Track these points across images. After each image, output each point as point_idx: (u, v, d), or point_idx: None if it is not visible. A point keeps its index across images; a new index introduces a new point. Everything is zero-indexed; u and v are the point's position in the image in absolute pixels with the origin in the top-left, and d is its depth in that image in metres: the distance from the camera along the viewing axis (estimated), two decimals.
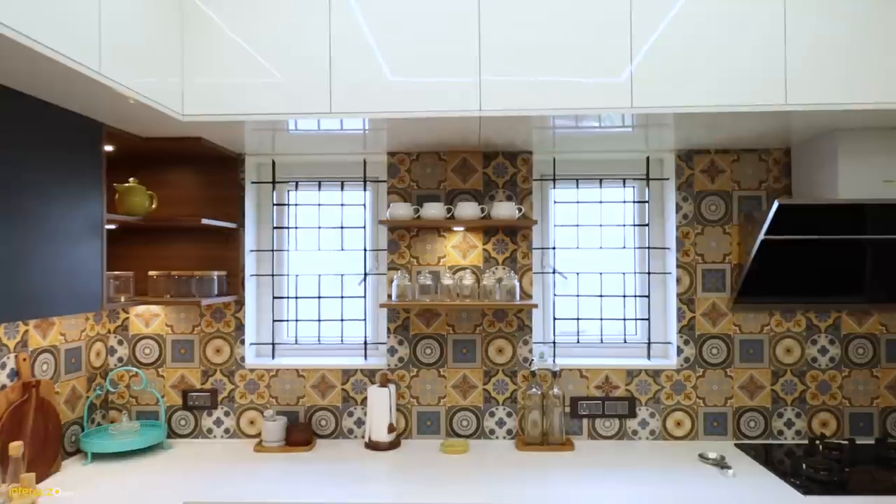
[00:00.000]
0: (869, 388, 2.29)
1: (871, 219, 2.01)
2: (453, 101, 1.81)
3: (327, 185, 2.47)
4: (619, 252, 2.44)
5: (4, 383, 1.84)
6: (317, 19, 1.83)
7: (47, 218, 1.62)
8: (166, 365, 2.36)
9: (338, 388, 2.35)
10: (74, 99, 1.61)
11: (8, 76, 1.41)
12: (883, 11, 1.76)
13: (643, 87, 1.79)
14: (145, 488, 1.83)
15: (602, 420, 2.32)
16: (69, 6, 1.37)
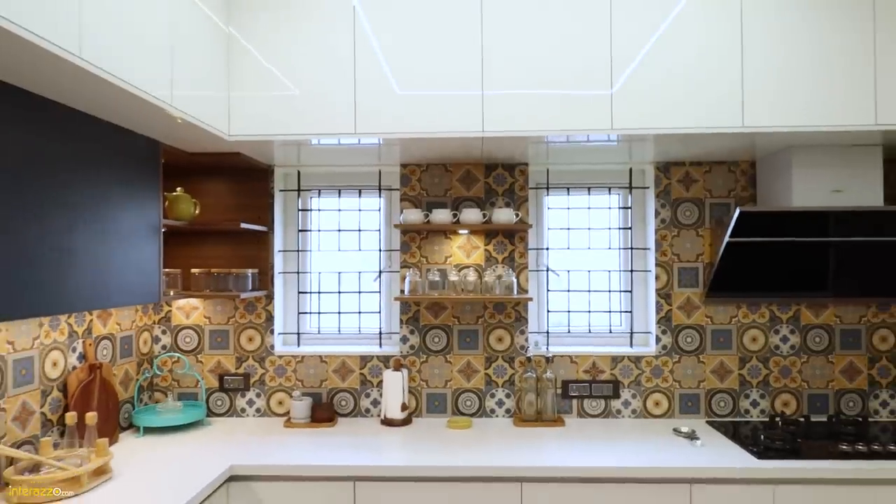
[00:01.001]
0: (825, 373, 2.60)
1: (822, 223, 2.31)
2: (459, 123, 2.12)
3: (346, 192, 2.78)
4: (605, 252, 2.75)
5: (75, 364, 2.15)
6: (342, 53, 2.14)
7: (119, 222, 1.92)
8: (205, 352, 2.67)
9: (356, 373, 2.65)
10: (143, 123, 1.92)
11: (94, 106, 1.72)
12: (826, 46, 2.07)
13: (621, 112, 2.10)
14: (195, 455, 2.14)
15: (590, 400, 2.62)
16: (153, 54, 1.67)
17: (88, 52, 1.40)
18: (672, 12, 2.10)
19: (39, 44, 1.25)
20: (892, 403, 2.59)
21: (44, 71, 1.39)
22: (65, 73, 1.41)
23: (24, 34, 1.21)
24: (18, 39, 1.21)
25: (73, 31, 1.35)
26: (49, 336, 2.01)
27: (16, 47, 1.25)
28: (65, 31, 1.32)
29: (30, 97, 1.54)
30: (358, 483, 2.03)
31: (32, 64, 1.35)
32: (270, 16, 2.16)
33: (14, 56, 1.29)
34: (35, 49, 1.26)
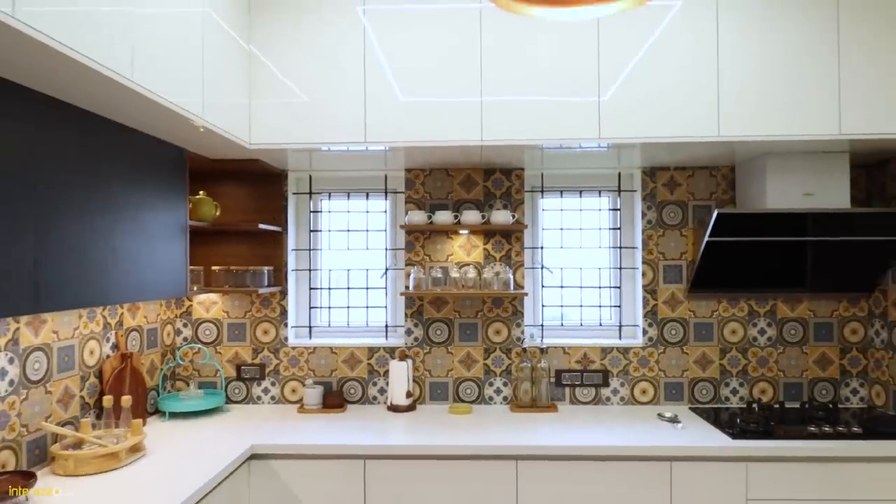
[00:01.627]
0: (799, 363, 2.80)
1: (794, 224, 2.51)
2: (460, 132, 2.32)
3: (354, 195, 2.98)
4: (596, 251, 2.95)
5: (108, 353, 2.35)
6: (353, 69, 2.34)
7: (152, 223, 2.12)
8: (223, 344, 2.87)
9: (364, 363, 2.85)
10: (173, 134, 2.12)
11: (136, 120, 1.92)
12: (794, 63, 2.27)
13: (607, 123, 2.30)
14: (218, 437, 2.34)
15: (581, 388, 2.82)
16: (189, 75, 1.87)
17: (139, 76, 1.60)
18: (654, 34, 2.30)
19: (99, 70, 1.45)
20: (862, 391, 2.79)
21: (99, 91, 1.59)
22: (117, 94, 1.61)
23: (86, 61, 1.40)
24: (81, 66, 1.41)
25: (126, 56, 1.55)
26: (87, 327, 2.21)
27: (79, 72, 1.44)
28: (119, 56, 1.52)
29: (85, 114, 1.74)
30: (368, 461, 2.23)
31: (90, 85, 1.54)
32: (287, 34, 2.36)
33: (76, 79, 1.49)
34: (94, 74, 1.46)
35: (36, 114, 1.55)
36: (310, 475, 2.23)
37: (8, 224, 1.46)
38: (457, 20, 2.34)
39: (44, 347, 2.00)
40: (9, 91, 1.46)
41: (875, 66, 2.25)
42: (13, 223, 1.48)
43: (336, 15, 2.35)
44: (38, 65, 1.38)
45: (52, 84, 1.53)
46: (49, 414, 2.02)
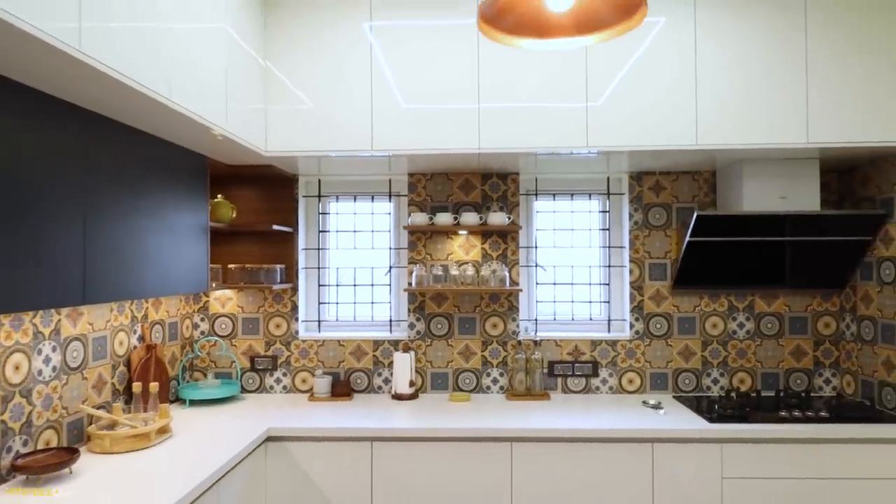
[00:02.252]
0: (776, 354, 3.00)
1: (768, 225, 2.71)
2: (459, 141, 2.52)
3: (360, 198, 3.18)
4: (586, 250, 3.15)
5: (135, 344, 2.55)
6: (360, 83, 2.54)
7: (178, 224, 2.32)
8: (238, 337, 3.07)
9: (370, 355, 3.06)
10: (197, 143, 2.31)
11: (168, 131, 2.11)
12: (766, 78, 2.47)
13: (595, 132, 2.50)
14: (236, 422, 2.54)
15: (572, 378, 3.03)
16: (215, 91, 2.07)
17: (177, 96, 1.80)
18: (639, 50, 2.50)
19: (144, 91, 1.65)
20: (834, 381, 2.99)
21: (140, 108, 1.79)
22: (155, 110, 1.81)
23: (134, 85, 1.60)
24: (128, 89, 1.60)
25: (164, 78, 1.75)
26: (117, 319, 2.42)
27: (125, 94, 1.64)
28: (159, 78, 1.72)
29: (124, 128, 1.94)
30: (375, 442, 2.43)
31: (133, 103, 1.74)
32: (299, 50, 2.56)
33: (123, 99, 1.69)
34: (139, 96, 1.66)
35: (86, 129, 1.75)
36: (321, 455, 2.43)
37: (62, 226, 1.66)
38: (456, 35, 2.53)
39: (81, 338, 2.20)
40: (66, 111, 1.66)
41: (839, 81, 2.46)
42: (66, 225, 1.68)
43: (344, 31, 2.55)
44: (95, 89, 1.58)
45: (102, 104, 1.73)
46: (85, 398, 2.22)
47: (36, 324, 1.98)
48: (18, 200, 1.50)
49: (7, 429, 1.85)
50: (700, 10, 2.51)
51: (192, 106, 1.91)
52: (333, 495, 2.42)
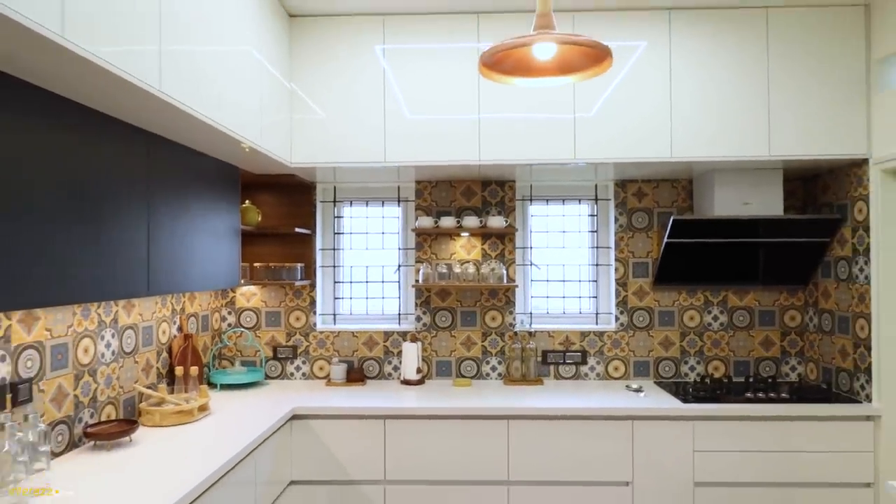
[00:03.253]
0: (747, 344, 3.33)
1: (736, 228, 3.04)
2: (462, 154, 2.85)
3: (372, 203, 3.51)
4: (576, 250, 3.48)
5: (175, 334, 2.87)
6: (374, 104, 2.87)
7: (215, 227, 2.65)
8: (261, 328, 3.40)
9: (381, 344, 3.38)
10: (232, 156, 2.64)
11: (209, 147, 2.44)
12: (732, 99, 2.80)
13: (581, 147, 2.83)
14: (263, 403, 2.86)
15: (563, 366, 3.35)
16: (252, 112, 2.40)
17: (225, 119, 2.13)
18: (621, 72, 2.83)
19: (200, 118, 1.97)
20: (799, 368, 3.32)
21: (193, 128, 2.11)
22: (205, 130, 2.13)
23: (194, 113, 1.93)
24: (191, 117, 1.93)
25: (217, 105, 2.08)
26: (161, 311, 2.74)
27: (186, 118, 1.96)
28: (208, 104, 2.04)
29: (175, 145, 2.26)
30: (387, 420, 2.76)
31: (189, 125, 2.06)
32: (320, 73, 2.89)
33: (180, 121, 2.01)
34: (196, 120, 1.98)
35: (149, 148, 2.08)
36: (340, 431, 2.76)
37: (133, 229, 1.99)
38: (458, 58, 2.86)
39: (133, 327, 2.53)
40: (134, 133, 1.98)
41: (798, 100, 2.79)
42: (135, 229, 2.00)
43: (359, 55, 2.88)
44: (164, 117, 1.91)
45: (163, 127, 2.05)
46: (136, 379, 2.55)
47: (100, 314, 2.31)
48: (100, 209, 1.83)
49: (79, 402, 2.18)
50: (675, 36, 2.84)
51: (234, 126, 2.24)
52: (351, 465, 2.75)
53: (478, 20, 2.87)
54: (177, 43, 1.83)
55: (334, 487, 2.77)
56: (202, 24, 2.01)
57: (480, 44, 2.87)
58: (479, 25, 2.87)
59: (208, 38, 2.06)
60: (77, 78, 1.53)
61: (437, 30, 2.88)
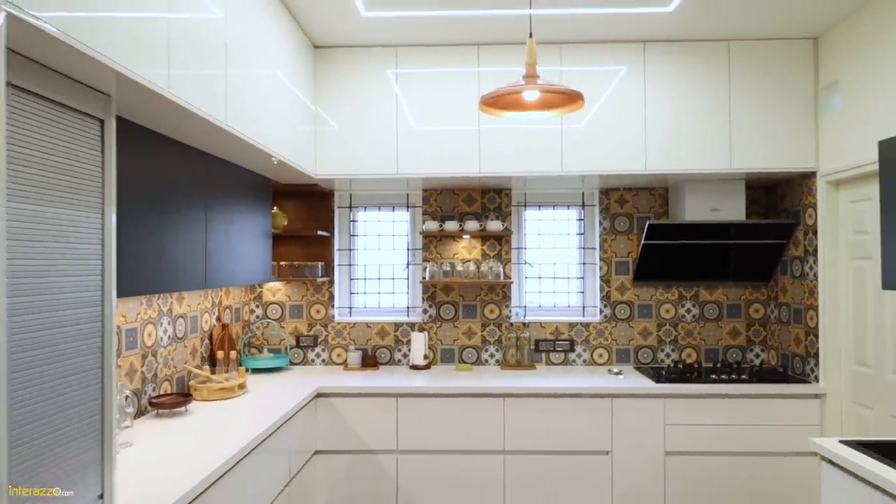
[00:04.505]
0: (716, 334, 3.76)
1: (704, 232, 3.46)
2: (464, 167, 3.27)
3: (384, 208, 3.94)
4: (565, 250, 3.91)
5: (214, 323, 3.30)
6: (388, 124, 3.30)
7: (251, 229, 3.07)
8: (286, 320, 3.83)
9: (392, 334, 3.81)
10: (265, 169, 3.06)
11: (241, 159, 2.86)
12: (698, 118, 3.23)
13: (568, 161, 3.25)
14: (290, 384, 3.28)
15: (554, 353, 3.78)
16: (288, 133, 2.82)
17: (266, 140, 2.56)
18: (602, 96, 3.26)
19: (250, 142, 2.40)
20: (763, 355, 3.75)
21: (238, 147, 2.54)
22: (247, 149, 2.56)
23: (246, 138, 2.35)
24: (244, 141, 2.35)
25: (255, 127, 2.50)
26: (203, 303, 3.17)
27: (239, 142, 2.39)
28: (252, 128, 2.47)
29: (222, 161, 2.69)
30: (399, 398, 3.19)
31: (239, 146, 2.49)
32: (339, 97, 3.31)
33: (232, 143, 2.44)
34: (243, 143, 2.41)
35: (205, 165, 2.50)
36: (358, 407, 3.19)
37: (195, 234, 2.41)
38: (461, 82, 3.29)
39: (183, 316, 2.96)
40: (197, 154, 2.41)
41: (755, 120, 3.22)
42: (197, 233, 2.43)
43: (375, 80, 3.31)
44: (222, 141, 2.33)
45: (217, 147, 2.48)
46: (186, 361, 2.98)
47: (159, 304, 2.73)
48: (173, 216, 2.26)
49: (144, 377, 2.61)
50: (649, 65, 3.26)
51: (270, 144, 2.66)
52: (368, 437, 3.18)
53: (478, 51, 3.30)
54: (236, 84, 2.26)
55: (353, 456, 3.20)
56: (251, 64, 2.44)
57: (480, 68, 3.30)
58: (479, 55, 3.30)
59: (254, 73, 2.49)
60: (168, 117, 1.96)
61: (443, 58, 3.31)
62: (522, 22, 3.00)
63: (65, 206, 1.44)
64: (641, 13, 2.93)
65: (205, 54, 2.03)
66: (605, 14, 2.94)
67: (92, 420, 1.57)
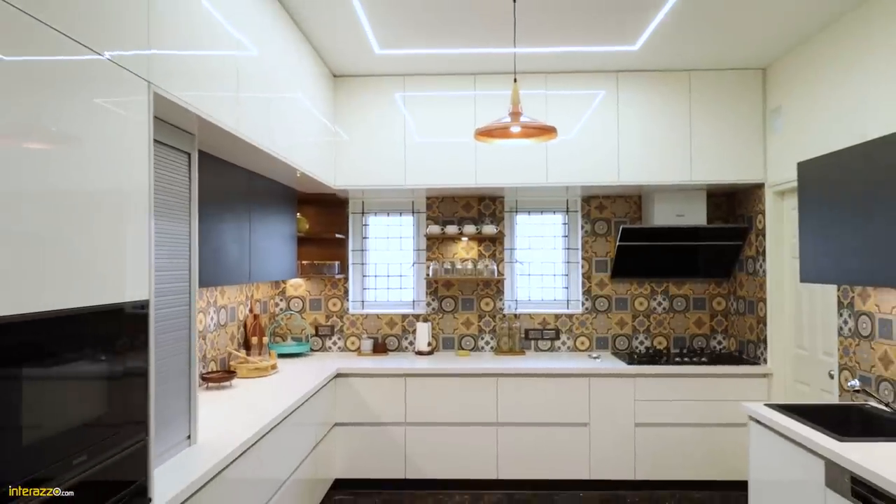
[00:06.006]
0: (684, 324, 4.29)
1: (670, 235, 3.99)
2: (463, 179, 3.80)
3: (392, 214, 4.47)
4: (552, 251, 4.44)
5: (247, 313, 3.83)
6: (397, 141, 3.83)
7: (280, 232, 3.60)
8: (306, 312, 4.35)
9: (399, 324, 4.34)
10: (292, 180, 3.59)
11: (274, 173, 3.39)
12: (663, 137, 3.76)
13: (552, 173, 3.78)
14: (312, 366, 3.81)
15: (542, 341, 4.31)
16: (309, 149, 3.34)
17: (296, 158, 3.09)
18: (583, 118, 3.79)
19: (285, 161, 2.93)
20: (724, 343, 4.27)
21: (274, 166, 3.06)
22: (280, 166, 3.08)
23: (283, 158, 2.88)
24: (280, 161, 2.88)
25: (287, 146, 3.03)
26: (239, 297, 3.70)
27: (276, 162, 2.91)
28: (286, 148, 2.99)
29: (258, 175, 3.21)
30: (407, 378, 3.72)
31: (276, 164, 3.01)
32: (356, 119, 3.84)
33: (271, 162, 2.96)
34: (279, 162, 2.93)
35: (248, 180, 3.03)
36: (372, 385, 3.72)
37: (242, 236, 2.94)
38: (461, 104, 3.81)
39: (224, 307, 3.48)
40: (242, 172, 2.93)
41: (712, 139, 3.75)
42: (243, 236, 2.96)
43: (385, 104, 3.84)
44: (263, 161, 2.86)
45: (258, 165, 3.01)
46: (226, 345, 3.51)
47: (207, 296, 3.26)
48: (226, 223, 2.78)
49: (200, 358, 3.13)
50: (621, 92, 3.79)
51: (301, 163, 3.19)
52: (380, 411, 3.71)
53: (474, 79, 3.83)
54: (276, 114, 2.79)
55: (367, 428, 3.73)
56: (285, 95, 2.97)
57: (477, 92, 3.83)
58: (476, 82, 3.83)
59: (287, 103, 3.01)
60: (230, 147, 2.48)
61: (445, 84, 3.83)
62: (511, 56, 3.53)
63: (168, 219, 1.97)
64: (612, 51, 3.46)
65: (253, 89, 2.56)
66: (581, 51, 3.47)
67: (182, 379, 2.10)
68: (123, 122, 1.52)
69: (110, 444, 1.44)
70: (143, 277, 1.60)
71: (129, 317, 1.53)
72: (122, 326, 1.51)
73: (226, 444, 2.14)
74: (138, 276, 1.57)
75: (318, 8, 2.89)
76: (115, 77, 1.48)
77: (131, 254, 1.54)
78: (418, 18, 3.02)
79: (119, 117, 1.50)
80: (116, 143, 1.48)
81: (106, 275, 1.44)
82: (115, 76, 1.49)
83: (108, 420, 1.45)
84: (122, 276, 1.50)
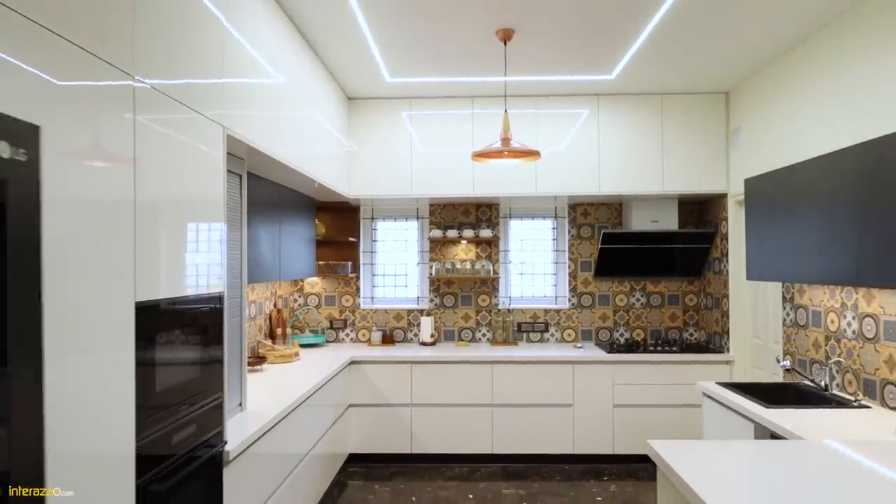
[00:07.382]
0: (659, 318, 4.80)
1: (646, 238, 4.50)
2: (462, 189, 4.31)
3: (399, 219, 4.98)
4: (542, 252, 4.94)
5: (272, 308, 4.33)
6: (404, 155, 4.33)
7: (301, 236, 4.10)
8: (322, 307, 4.86)
9: (405, 318, 4.85)
10: (311, 190, 4.09)
11: (297, 185, 3.89)
12: (638, 151, 4.26)
13: (541, 184, 4.29)
14: (329, 355, 4.32)
15: (533, 333, 4.82)
16: (327, 163, 3.84)
17: (316, 171, 3.59)
18: (568, 135, 4.29)
19: (304, 172, 3.43)
20: (696, 335, 4.78)
21: (298, 179, 3.56)
22: (304, 179, 3.58)
23: (302, 171, 3.38)
24: (305, 176, 3.38)
25: (308, 161, 3.54)
26: (265, 293, 4.21)
27: (302, 177, 3.42)
28: (307, 164, 3.49)
29: (284, 187, 3.71)
30: (413, 364, 4.23)
31: (303, 178, 3.51)
32: (368, 135, 4.35)
33: (297, 177, 3.46)
34: (305, 178, 3.43)
35: (276, 191, 3.53)
36: (382, 372, 4.22)
37: (273, 240, 3.45)
38: (461, 122, 4.32)
39: (254, 301, 3.99)
40: (273, 184, 3.43)
41: (681, 155, 4.25)
42: (274, 240, 3.47)
43: (393, 123, 4.34)
44: (290, 177, 3.36)
45: (284, 179, 3.51)
46: (256, 335, 4.01)
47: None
48: (263, 230, 3.29)
49: None
50: (601, 112, 4.30)
51: (321, 177, 3.70)
52: (389, 394, 4.22)
53: (472, 101, 4.34)
54: (302, 138, 3.30)
55: (378, 409, 4.23)
56: (308, 116, 3.48)
57: (475, 111, 4.33)
58: (473, 103, 4.34)
59: (310, 124, 3.52)
60: (266, 166, 2.99)
61: (446, 105, 4.34)
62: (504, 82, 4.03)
63: (230, 228, 2.47)
64: (591, 79, 3.97)
65: (285, 115, 3.07)
66: (564, 80, 3.97)
67: (236, 357, 2.61)
68: (213, 159, 2.03)
69: (201, 398, 1.95)
70: (223, 274, 2.11)
71: (215, 303, 2.04)
72: (212, 311, 2.02)
73: (267, 411, 2.65)
74: (220, 272, 2.08)
75: (338, 44, 3.40)
76: (206, 126, 2.00)
77: (215, 255, 2.05)
78: (424, 54, 3.52)
79: (206, 154, 2.01)
80: (210, 174, 2.00)
81: (209, 272, 1.95)
82: (208, 127, 2.00)
83: (200, 381, 1.96)
84: (212, 272, 2.01)
